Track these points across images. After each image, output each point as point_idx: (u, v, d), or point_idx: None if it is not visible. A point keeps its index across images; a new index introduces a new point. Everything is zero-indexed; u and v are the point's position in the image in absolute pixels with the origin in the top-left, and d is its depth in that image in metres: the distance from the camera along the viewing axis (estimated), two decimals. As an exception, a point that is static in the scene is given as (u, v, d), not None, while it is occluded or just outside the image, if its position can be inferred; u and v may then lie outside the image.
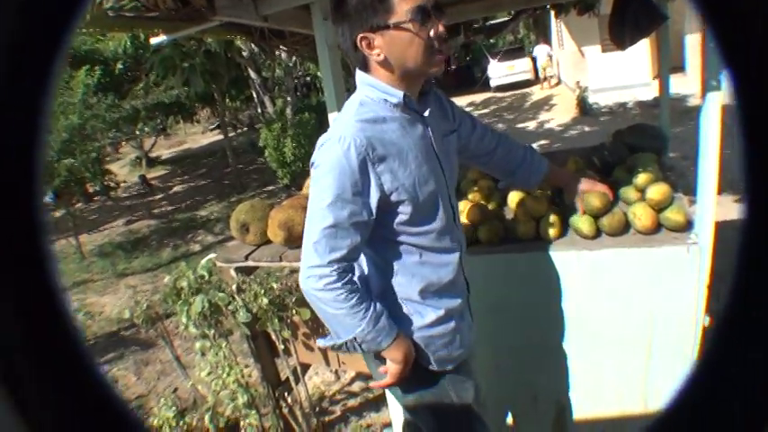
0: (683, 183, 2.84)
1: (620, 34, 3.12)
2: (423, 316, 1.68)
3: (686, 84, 12.31)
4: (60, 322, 0.38)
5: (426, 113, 1.64)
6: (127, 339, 5.99)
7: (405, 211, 1.57)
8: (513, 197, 2.69)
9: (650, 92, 13.09)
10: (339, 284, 1.48)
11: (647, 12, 2.95)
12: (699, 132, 2.10)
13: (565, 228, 2.44)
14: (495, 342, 2.49)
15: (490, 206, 2.75)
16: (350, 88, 3.91)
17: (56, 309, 0.37)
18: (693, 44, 13.47)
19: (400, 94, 1.54)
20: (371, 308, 1.54)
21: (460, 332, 1.76)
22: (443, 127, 1.78)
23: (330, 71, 2.29)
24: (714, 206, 2.09)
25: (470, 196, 2.83)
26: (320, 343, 1.72)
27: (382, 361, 1.69)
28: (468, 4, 3.62)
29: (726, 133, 2.01)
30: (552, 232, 2.39)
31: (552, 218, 2.41)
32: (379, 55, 1.52)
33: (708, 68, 2.07)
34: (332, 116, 2.35)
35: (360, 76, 1.62)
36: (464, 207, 2.66)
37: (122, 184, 14.96)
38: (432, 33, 1.47)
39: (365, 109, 1.55)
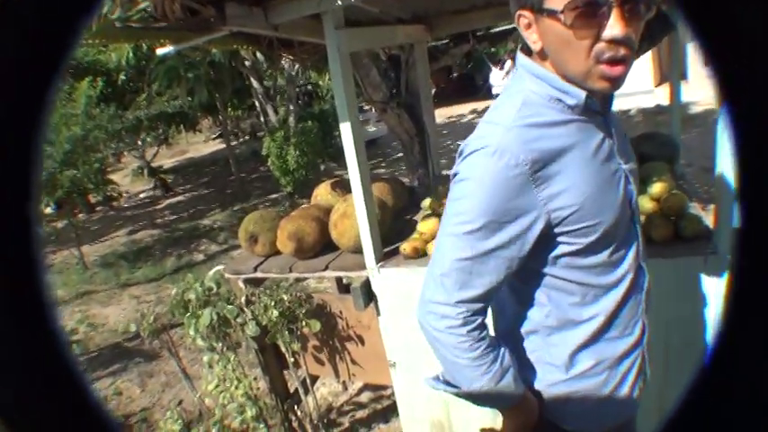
0: (692, 190, 2.82)
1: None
2: (567, 367, 1.31)
3: (689, 91, 12.26)
4: (51, 337, 0.37)
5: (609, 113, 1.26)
6: (131, 351, 5.94)
7: (571, 243, 1.19)
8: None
9: (652, 99, 13.07)
10: (464, 330, 1.19)
11: (658, 22, 2.93)
12: (716, 141, 2.07)
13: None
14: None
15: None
16: (359, 95, 3.87)
17: (47, 323, 0.37)
18: (696, 52, 13.44)
19: (582, 95, 1.14)
20: (497, 362, 1.22)
21: (615, 386, 1.33)
22: (620, 125, 1.34)
23: (342, 81, 2.27)
24: (733, 215, 2.06)
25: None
26: (429, 383, 1.41)
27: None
28: (476, 13, 3.60)
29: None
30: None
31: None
32: (535, 42, 1.15)
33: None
34: (344, 126, 2.33)
35: (523, 62, 1.23)
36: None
37: (124, 195, 14.95)
38: (604, 34, 1.02)
39: (529, 110, 1.15)
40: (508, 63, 20.08)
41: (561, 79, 1.15)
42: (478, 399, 1.30)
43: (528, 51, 1.22)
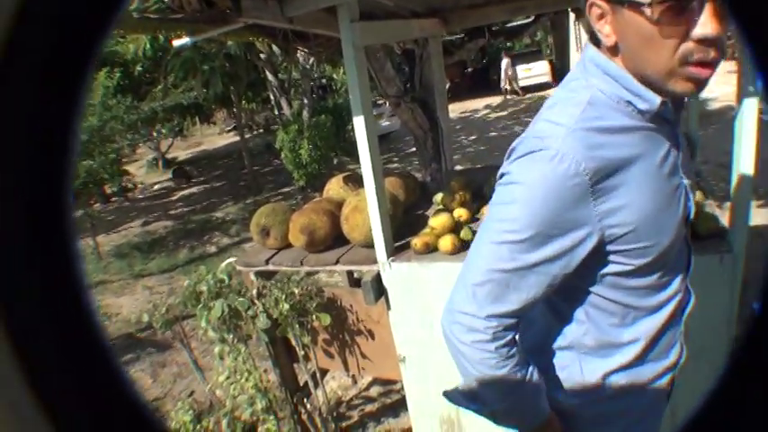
0: (708, 187, 2.80)
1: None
2: (599, 388, 1.22)
3: (707, 87, 12.20)
4: (87, 322, 0.38)
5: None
6: (143, 341, 5.99)
7: (622, 263, 1.08)
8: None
9: (669, 96, 12.98)
10: (492, 346, 1.08)
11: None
12: (733, 138, 2.05)
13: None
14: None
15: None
16: (373, 89, 3.86)
17: (82, 308, 0.37)
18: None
19: (656, 100, 1.01)
20: (525, 382, 1.13)
21: (644, 410, 1.28)
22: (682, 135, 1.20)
23: (356, 75, 2.26)
24: (749, 214, 2.04)
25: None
26: (448, 397, 1.37)
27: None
28: (492, 7, 3.58)
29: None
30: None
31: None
32: (608, 36, 1.02)
33: (744, 74, 2.02)
34: (358, 121, 2.32)
35: (593, 55, 1.08)
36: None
37: (139, 186, 15.04)
38: (694, 33, 0.90)
39: (596, 112, 1.03)
40: (505, 61, 20.00)
41: (635, 80, 1.02)
42: (500, 418, 1.24)
43: (596, 42, 1.08)
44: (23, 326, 0.36)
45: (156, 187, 16.21)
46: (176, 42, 2.62)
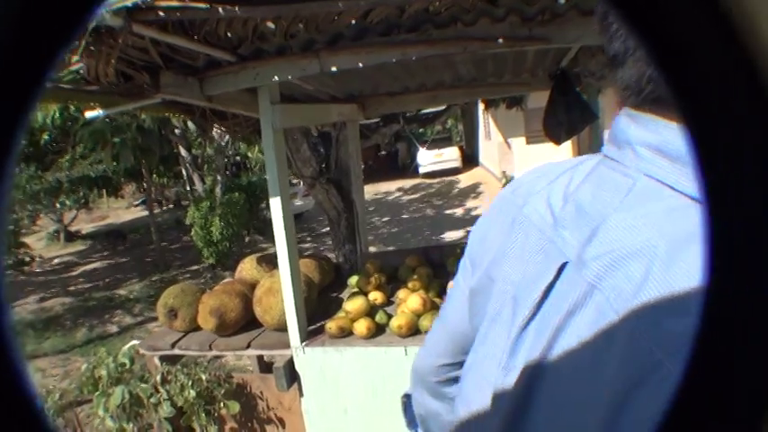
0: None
1: (554, 131, 3.25)
2: None
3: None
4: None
5: None
6: (30, 429, 5.51)
7: None
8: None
9: (572, 184, 13.68)
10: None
11: (580, 111, 3.10)
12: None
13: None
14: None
15: (429, 294, 2.71)
16: (288, 168, 3.85)
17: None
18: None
19: None
20: None
21: None
22: None
23: (274, 156, 2.25)
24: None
25: (410, 285, 2.80)
26: None
27: None
28: (408, 95, 3.71)
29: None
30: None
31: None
32: None
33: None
34: (274, 202, 2.30)
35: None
36: (405, 296, 2.63)
37: (37, 259, 14.23)
38: None
39: None
40: (402, 145, 20.77)
41: None
42: None
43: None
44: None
45: (55, 261, 15.35)
46: (89, 114, 2.55)
